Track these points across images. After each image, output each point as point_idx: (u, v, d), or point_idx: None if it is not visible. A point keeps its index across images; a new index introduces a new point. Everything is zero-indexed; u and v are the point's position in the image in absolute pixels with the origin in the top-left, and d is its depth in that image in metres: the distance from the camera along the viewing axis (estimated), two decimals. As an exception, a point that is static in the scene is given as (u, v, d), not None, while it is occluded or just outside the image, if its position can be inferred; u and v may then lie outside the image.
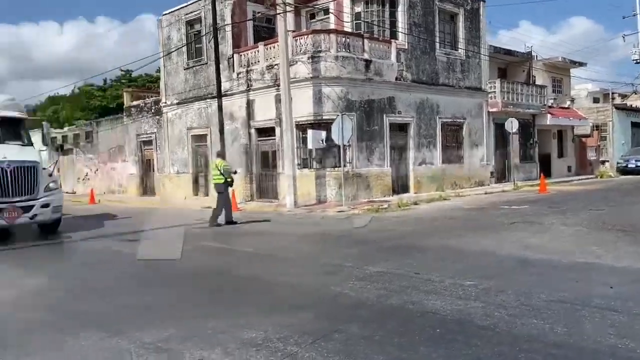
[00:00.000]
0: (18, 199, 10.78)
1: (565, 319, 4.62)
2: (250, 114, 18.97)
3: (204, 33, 20.38)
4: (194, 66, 21.36)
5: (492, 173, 23.31)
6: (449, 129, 21.33)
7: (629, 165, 28.92)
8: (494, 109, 23.07)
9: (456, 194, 18.74)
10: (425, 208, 15.21)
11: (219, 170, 12.86)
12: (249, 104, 18.99)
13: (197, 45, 21.25)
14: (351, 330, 4.56)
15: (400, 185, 19.20)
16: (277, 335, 4.47)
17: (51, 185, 11.59)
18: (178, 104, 22.19)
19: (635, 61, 30.23)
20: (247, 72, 18.97)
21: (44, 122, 14.43)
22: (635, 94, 37.10)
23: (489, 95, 23.15)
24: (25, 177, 10.89)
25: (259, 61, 18.63)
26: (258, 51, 18.68)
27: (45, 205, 11.18)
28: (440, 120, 20.72)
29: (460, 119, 21.70)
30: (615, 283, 5.76)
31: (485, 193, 19.30)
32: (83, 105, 42.03)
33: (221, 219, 12.65)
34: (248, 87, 18.97)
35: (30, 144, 12.35)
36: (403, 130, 19.49)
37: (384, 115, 18.41)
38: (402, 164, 19.44)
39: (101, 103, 40.06)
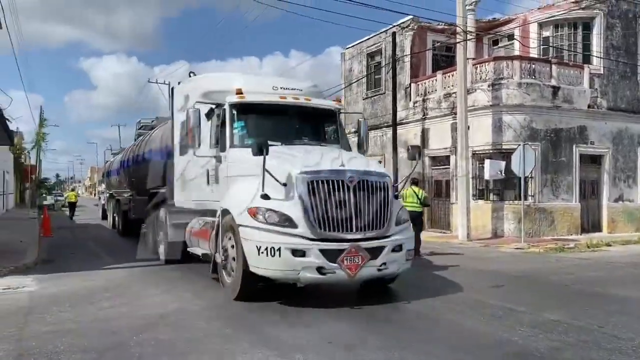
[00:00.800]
0: (361, 235, 6.70)
1: None
2: (424, 142, 18.86)
3: (384, 64, 20.93)
4: (372, 96, 22.00)
5: None
6: (654, 162, 18.81)
7: None
8: None
9: (661, 237, 16.31)
10: (619, 251, 13.51)
11: (418, 198, 11.99)
12: (424, 133, 18.92)
13: (376, 76, 21.89)
14: (514, 383, 4.20)
15: (590, 223, 17.38)
16: (432, 377, 4.30)
17: (401, 214, 7.40)
18: (355, 132, 22.92)
19: None
20: (424, 100, 18.96)
21: (360, 119, 10.25)
22: None
23: None
24: (371, 199, 6.83)
25: (436, 90, 18.53)
26: (436, 80, 18.59)
27: (398, 248, 7.01)
28: (643, 152, 18.41)
29: (669, 150, 18.97)
30: None
31: (701, 238, 16.47)
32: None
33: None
34: (424, 115, 18.94)
35: (349, 147, 9.00)
36: (596, 163, 17.69)
37: (574, 146, 16.93)
38: (593, 200, 17.60)
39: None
